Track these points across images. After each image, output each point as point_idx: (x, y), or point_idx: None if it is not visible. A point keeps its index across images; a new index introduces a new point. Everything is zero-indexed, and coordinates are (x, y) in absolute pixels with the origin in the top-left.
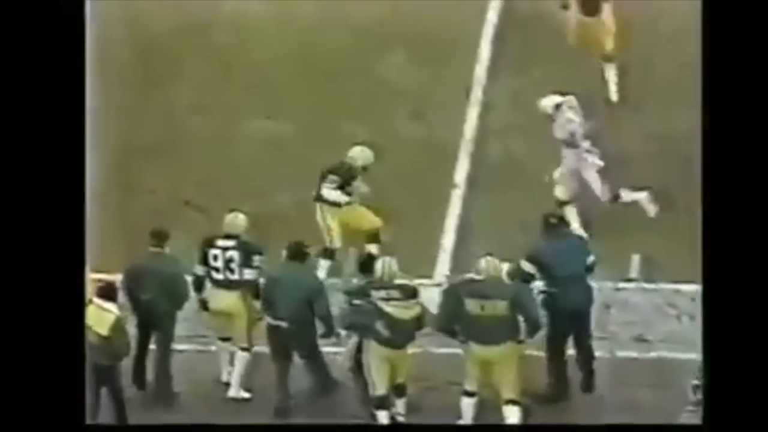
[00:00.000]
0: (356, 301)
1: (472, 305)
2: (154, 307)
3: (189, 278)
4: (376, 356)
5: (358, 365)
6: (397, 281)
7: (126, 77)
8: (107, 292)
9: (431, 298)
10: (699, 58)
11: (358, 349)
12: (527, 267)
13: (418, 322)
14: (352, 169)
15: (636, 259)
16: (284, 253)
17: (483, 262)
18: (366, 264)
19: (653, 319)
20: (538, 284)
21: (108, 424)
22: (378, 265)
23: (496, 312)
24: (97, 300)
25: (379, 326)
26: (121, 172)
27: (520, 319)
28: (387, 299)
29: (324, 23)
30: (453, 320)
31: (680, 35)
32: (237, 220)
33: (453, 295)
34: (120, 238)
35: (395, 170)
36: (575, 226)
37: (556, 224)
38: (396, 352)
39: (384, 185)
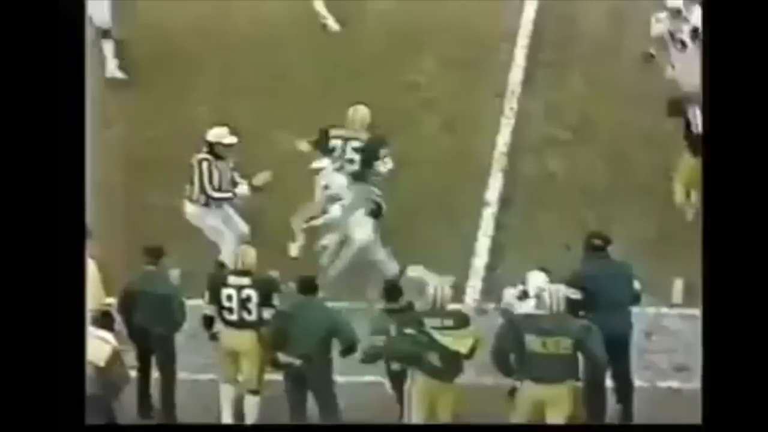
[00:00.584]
0: (408, 330)
1: (532, 342)
2: (150, 330)
3: (185, 301)
4: (420, 389)
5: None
6: (450, 308)
7: (138, 86)
8: (102, 320)
9: None
10: None
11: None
12: (572, 293)
13: (471, 353)
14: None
15: (679, 284)
16: (293, 286)
17: (546, 296)
18: (392, 291)
19: (697, 348)
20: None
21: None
22: (430, 291)
23: (559, 350)
24: (91, 329)
25: (432, 357)
26: (128, 187)
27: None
28: (440, 328)
29: (349, 26)
30: (510, 356)
31: None
32: (248, 255)
33: (512, 330)
34: (125, 258)
35: (423, 185)
36: None
37: (600, 246)
38: (442, 384)
39: (411, 200)
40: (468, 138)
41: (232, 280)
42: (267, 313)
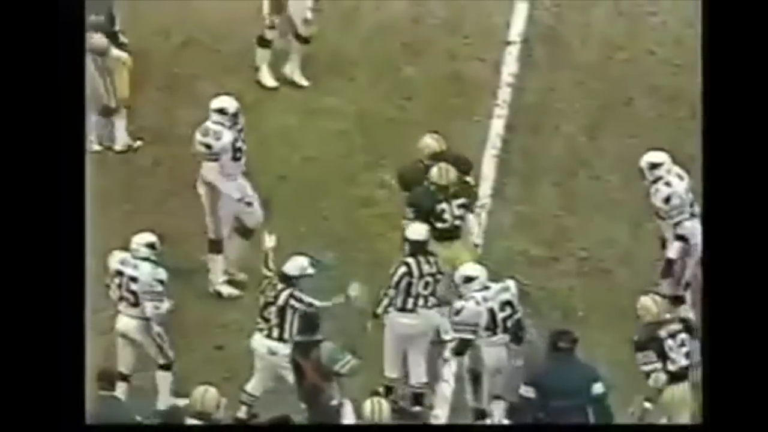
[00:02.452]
0: None
1: None
2: None
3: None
4: None
5: None
6: None
7: None
8: None
9: None
10: None
11: None
12: (526, 392)
13: None
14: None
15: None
16: None
17: None
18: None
19: None
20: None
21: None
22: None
23: None
24: None
25: None
26: None
27: None
28: None
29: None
30: None
31: None
32: (208, 397)
33: None
34: None
35: None
36: None
37: (567, 348)
38: None
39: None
40: None
41: (191, 422)
42: None
